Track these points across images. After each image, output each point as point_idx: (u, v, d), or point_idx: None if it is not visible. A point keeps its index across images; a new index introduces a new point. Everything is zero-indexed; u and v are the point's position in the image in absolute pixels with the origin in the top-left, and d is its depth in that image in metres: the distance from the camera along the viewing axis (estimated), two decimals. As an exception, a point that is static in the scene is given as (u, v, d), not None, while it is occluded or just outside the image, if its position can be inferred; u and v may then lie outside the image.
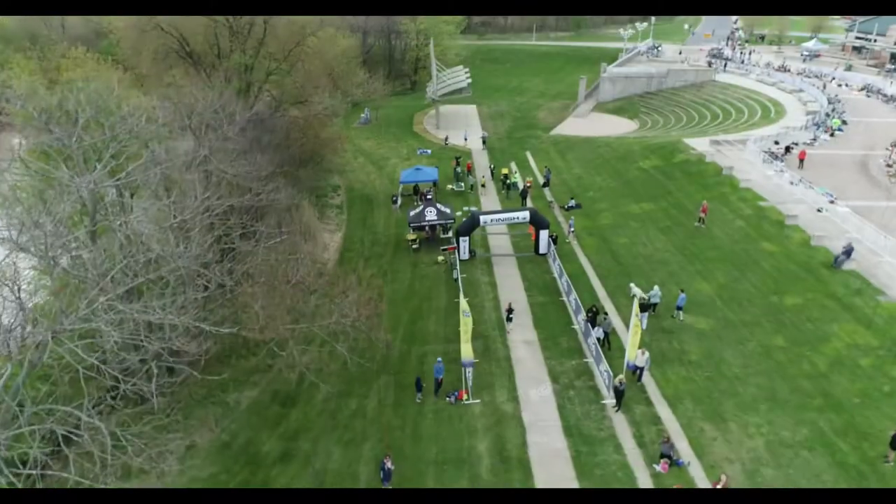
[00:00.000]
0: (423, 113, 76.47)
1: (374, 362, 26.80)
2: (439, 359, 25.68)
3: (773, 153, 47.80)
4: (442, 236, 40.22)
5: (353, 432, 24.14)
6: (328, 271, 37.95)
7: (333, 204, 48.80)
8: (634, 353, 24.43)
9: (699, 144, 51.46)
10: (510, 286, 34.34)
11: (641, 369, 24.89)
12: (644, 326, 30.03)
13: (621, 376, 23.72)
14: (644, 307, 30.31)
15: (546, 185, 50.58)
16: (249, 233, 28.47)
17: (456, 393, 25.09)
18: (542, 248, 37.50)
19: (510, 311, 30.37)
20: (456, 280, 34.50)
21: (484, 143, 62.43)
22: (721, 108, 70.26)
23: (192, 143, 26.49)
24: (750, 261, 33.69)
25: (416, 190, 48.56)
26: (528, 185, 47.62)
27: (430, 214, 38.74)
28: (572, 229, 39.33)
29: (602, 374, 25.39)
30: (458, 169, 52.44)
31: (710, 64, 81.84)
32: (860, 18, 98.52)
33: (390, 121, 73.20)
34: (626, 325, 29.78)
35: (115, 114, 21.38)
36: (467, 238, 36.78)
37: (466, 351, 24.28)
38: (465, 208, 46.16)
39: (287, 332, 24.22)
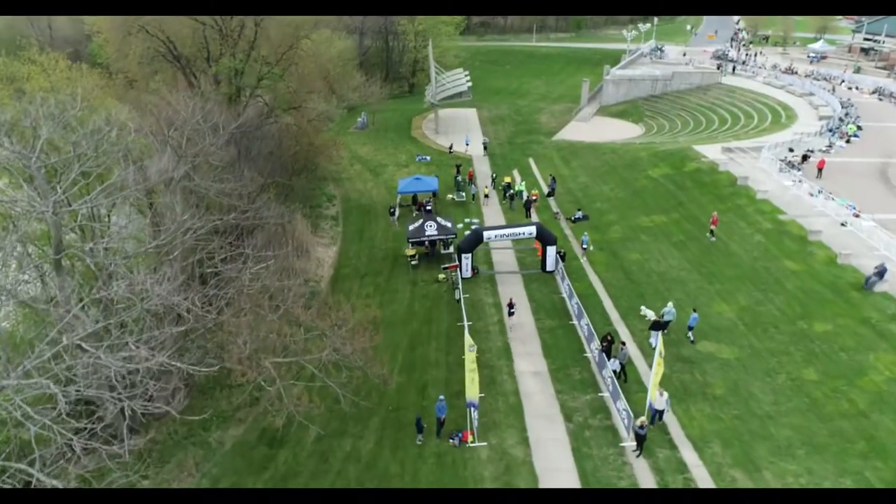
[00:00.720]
0: (421, 117, 74.22)
1: (370, 399, 24.55)
2: (441, 396, 23.41)
3: (789, 162, 45.61)
4: (443, 252, 37.98)
5: (347, 478, 21.90)
6: (321, 290, 35.85)
7: (328, 215, 46.50)
8: (655, 394, 22.17)
9: (710, 152, 49.28)
10: (516, 307, 32.03)
11: (661, 412, 22.60)
12: (654, 344, 28.12)
13: (643, 419, 21.48)
14: (657, 325, 28.38)
15: (551, 194, 48.37)
16: (235, 255, 26.19)
17: (460, 434, 22.84)
18: (550, 266, 35.27)
19: (511, 305, 30.19)
20: (458, 301, 32.26)
21: (485, 149, 60.19)
22: (729, 113, 68.12)
23: (172, 158, 24.20)
24: (772, 280, 31.49)
25: (414, 200, 46.30)
26: (534, 197, 45.33)
27: (430, 229, 36.47)
28: (585, 247, 36.91)
29: (620, 412, 23.15)
30: (459, 178, 50.18)
31: (719, 67, 79.51)
32: (868, 19, 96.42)
33: (388, 125, 70.95)
34: (642, 351, 27.66)
35: (78, 131, 19.12)
36: (470, 255, 34.54)
37: (472, 390, 22.01)
38: (467, 220, 43.95)
39: (274, 367, 21.99)
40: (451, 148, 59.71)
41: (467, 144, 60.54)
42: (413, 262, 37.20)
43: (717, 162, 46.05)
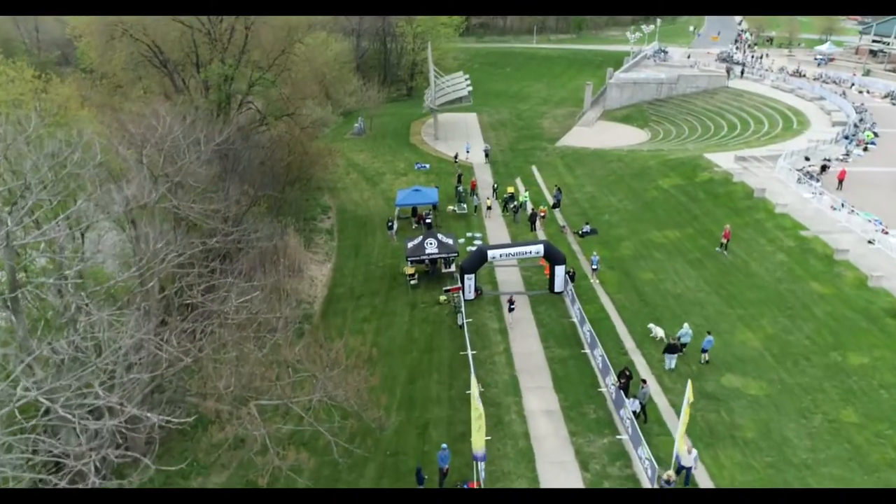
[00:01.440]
0: (420, 122, 71.95)
1: (365, 445, 22.31)
2: (444, 445, 21.16)
3: (808, 172, 43.43)
4: (444, 270, 35.74)
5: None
6: (314, 313, 33.65)
7: (323, 228, 44.25)
8: (683, 446, 19.91)
9: (722, 160, 47.09)
10: (523, 333, 29.90)
11: (689, 469, 20.33)
12: (669, 367, 26.39)
13: (670, 473, 19.28)
14: (672, 349, 26.35)
15: (556, 205, 46.16)
16: (219, 283, 23.91)
17: (465, 484, 20.61)
18: (558, 287, 33.06)
19: (512, 302, 30.16)
20: (461, 327, 30.04)
21: (487, 156, 57.95)
22: (737, 118, 65.94)
23: (148, 179, 21.92)
24: (799, 305, 29.28)
25: (414, 212, 44.05)
26: (542, 213, 43.06)
27: (431, 247, 34.24)
28: (595, 268, 34.63)
29: (642, 460, 20.93)
30: (461, 188, 47.93)
31: (728, 71, 77.22)
32: (877, 20, 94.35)
33: (385, 131, 68.69)
34: (661, 385, 25.45)
35: (29, 156, 16.85)
36: (473, 275, 32.32)
37: (478, 442, 19.77)
38: (469, 234, 41.72)
39: (258, 410, 19.75)
40: (456, 158, 57.09)
41: (468, 152, 58.30)
42: (412, 282, 34.98)
43: (731, 172, 43.84)
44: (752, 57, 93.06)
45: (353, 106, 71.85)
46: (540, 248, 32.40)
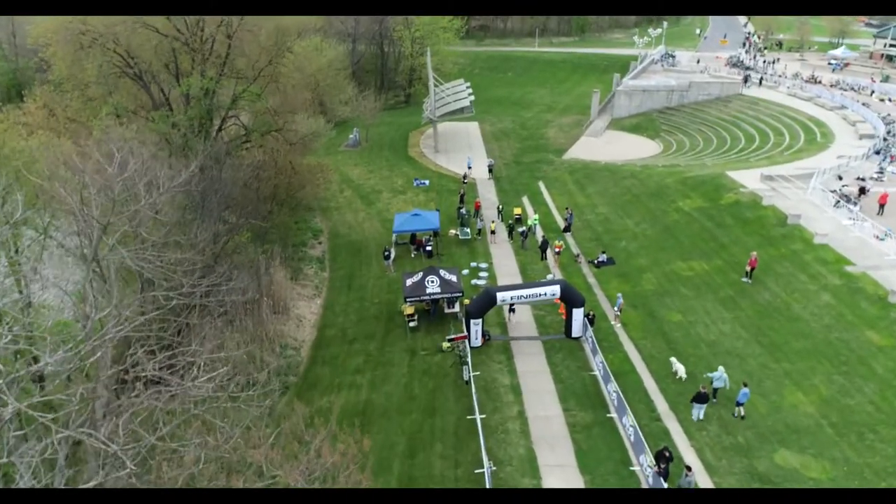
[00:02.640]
0: (419, 132, 68.13)
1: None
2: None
3: (844, 194, 39.74)
4: (447, 311, 32.00)
5: None
6: (301, 360, 29.89)
7: (313, 256, 40.43)
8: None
9: (748, 179, 43.42)
10: (538, 390, 26.17)
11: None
12: (697, 418, 23.51)
13: None
14: (701, 398, 23.22)
15: (567, 229, 42.42)
16: (183, 350, 20.08)
17: None
18: (576, 332, 29.36)
19: (512, 308, 30.14)
20: (467, 382, 26.28)
21: (490, 171, 54.14)
22: (755, 129, 62.30)
23: (94, 228, 18.14)
24: (855, 359, 25.58)
25: (413, 239, 40.24)
26: (558, 250, 38.14)
27: (432, 286, 30.47)
28: (618, 311, 30.89)
29: (693, 575, 17.17)
30: (464, 210, 44.14)
31: (746, 80, 73.43)
32: (892, 20, 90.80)
33: (382, 142, 64.89)
34: (704, 463, 21.70)
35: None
36: (480, 321, 28.58)
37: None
38: (473, 264, 37.96)
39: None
40: (464, 178, 52.20)
41: (469, 167, 54.46)
42: (411, 324, 31.21)
43: (759, 194, 40.13)
44: (765, 62, 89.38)
45: (348, 115, 68.01)
46: (556, 289, 28.64)
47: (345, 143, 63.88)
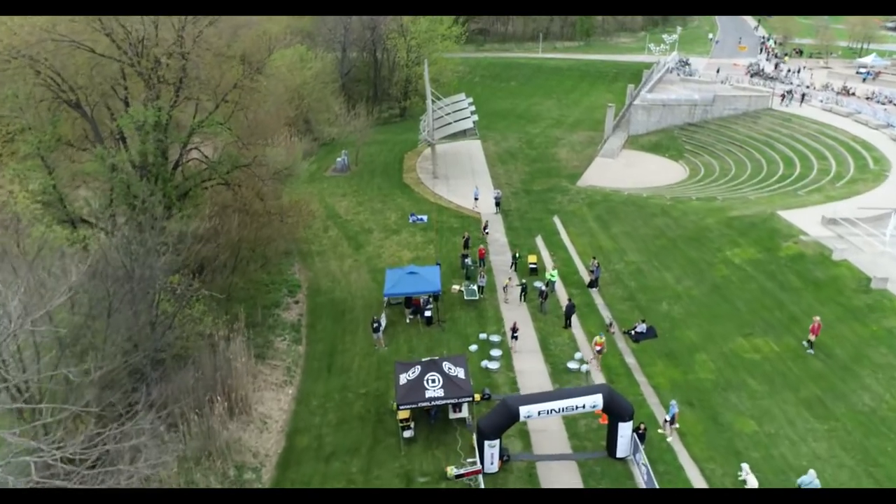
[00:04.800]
0: (415, 153, 60.87)
1: None
2: None
3: (932, 247, 32.86)
4: (452, 414, 24.93)
5: None
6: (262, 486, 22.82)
7: (287, 322, 33.28)
8: None
9: (805, 222, 36.56)
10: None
11: None
12: None
13: None
14: None
15: (593, 284, 35.41)
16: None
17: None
18: (622, 451, 22.41)
19: (515, 330, 28.64)
20: (483, 540, 19.28)
21: (497, 204, 47.06)
22: (793, 150, 55.41)
23: None
24: None
25: (408, 302, 33.12)
26: (599, 348, 28.12)
27: (434, 388, 23.38)
28: (673, 422, 23.68)
29: None
30: (469, 260, 37.08)
31: (783, 98, 66.35)
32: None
33: (374, 166, 57.73)
34: None
35: None
36: (497, 441, 21.58)
37: None
38: (482, 336, 30.90)
39: None
40: (485, 227, 42.70)
41: (476, 199, 47.38)
42: (406, 434, 24.15)
43: (824, 244, 33.29)
44: (789, 71, 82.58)
45: (336, 135, 61.00)
46: (598, 399, 21.62)
47: (332, 168, 56.73)
